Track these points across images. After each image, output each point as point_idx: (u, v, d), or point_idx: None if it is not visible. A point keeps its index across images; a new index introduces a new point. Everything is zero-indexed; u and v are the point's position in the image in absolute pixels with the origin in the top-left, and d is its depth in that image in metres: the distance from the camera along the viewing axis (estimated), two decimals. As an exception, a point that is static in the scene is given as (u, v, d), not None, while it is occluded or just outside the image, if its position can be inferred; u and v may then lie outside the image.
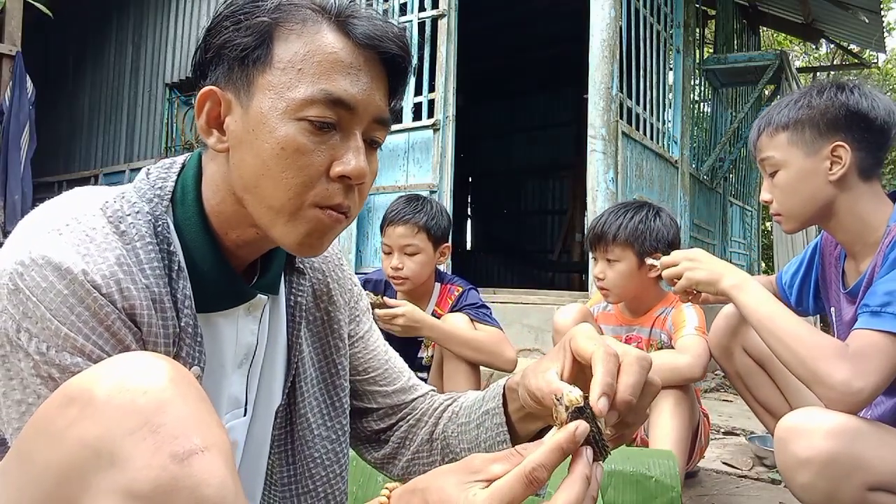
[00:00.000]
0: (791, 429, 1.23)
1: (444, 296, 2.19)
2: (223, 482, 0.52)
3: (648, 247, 1.88)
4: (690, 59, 5.32)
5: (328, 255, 0.96)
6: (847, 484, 1.16)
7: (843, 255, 1.46)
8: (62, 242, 0.63)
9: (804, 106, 1.36)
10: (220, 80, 0.74)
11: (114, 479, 0.50)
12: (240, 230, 0.76)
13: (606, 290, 1.95)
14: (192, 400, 0.55)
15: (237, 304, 0.79)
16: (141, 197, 0.73)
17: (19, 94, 5.17)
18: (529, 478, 0.54)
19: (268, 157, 0.70)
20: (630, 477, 1.41)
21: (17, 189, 5.17)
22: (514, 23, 7.48)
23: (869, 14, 5.61)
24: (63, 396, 0.54)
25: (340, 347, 0.93)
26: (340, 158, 0.71)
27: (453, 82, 4.24)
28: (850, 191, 1.35)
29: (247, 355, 0.82)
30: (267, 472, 0.87)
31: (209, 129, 0.75)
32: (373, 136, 0.75)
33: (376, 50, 0.73)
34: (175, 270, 0.71)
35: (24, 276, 0.61)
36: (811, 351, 1.23)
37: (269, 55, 0.71)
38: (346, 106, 0.70)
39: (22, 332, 0.61)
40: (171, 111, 6.88)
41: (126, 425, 0.51)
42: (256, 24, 0.71)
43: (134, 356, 0.57)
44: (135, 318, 0.66)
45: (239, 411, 0.83)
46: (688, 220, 4.85)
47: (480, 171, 10.43)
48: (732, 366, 1.76)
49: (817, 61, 11.64)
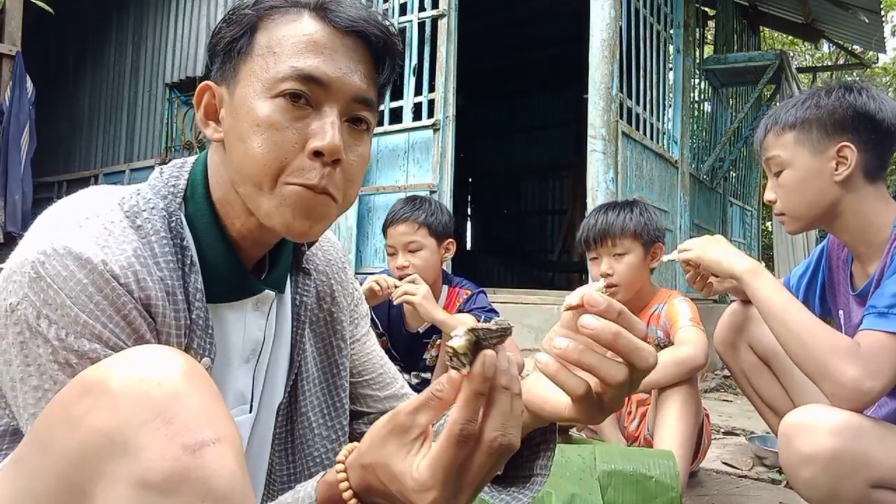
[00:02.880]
0: (795, 425, 1.23)
1: (453, 298, 2.20)
2: (233, 474, 0.53)
3: (653, 235, 1.94)
4: (690, 59, 5.32)
5: (332, 258, 0.98)
6: (851, 481, 1.16)
7: (851, 257, 1.46)
8: (83, 234, 0.66)
9: (812, 106, 1.36)
10: (216, 75, 0.78)
11: (127, 468, 0.52)
12: (243, 218, 0.78)
13: (616, 287, 1.94)
14: (204, 393, 0.56)
15: (245, 296, 0.81)
16: (156, 193, 0.75)
17: (19, 94, 5.17)
18: (461, 437, 0.54)
19: (246, 136, 0.72)
20: (630, 477, 1.42)
21: (17, 189, 5.17)
22: (514, 23, 7.49)
23: (869, 14, 5.60)
24: (80, 385, 0.56)
25: (342, 348, 0.95)
26: (314, 135, 0.72)
27: (453, 82, 4.24)
28: (855, 192, 1.34)
29: (254, 351, 0.84)
30: (268, 469, 0.87)
31: (206, 122, 0.79)
32: (356, 114, 0.76)
33: (358, 34, 0.75)
34: (188, 264, 0.74)
35: (46, 265, 0.63)
36: (823, 346, 1.22)
37: (252, 44, 0.74)
38: (318, 82, 0.72)
39: (42, 318, 0.63)
40: (171, 111, 6.88)
41: (140, 415, 0.52)
42: (241, 17, 0.75)
43: (149, 349, 0.59)
44: (150, 309, 0.68)
45: (245, 407, 0.84)
46: (688, 220, 4.85)
47: (480, 171, 10.43)
48: (737, 363, 1.75)
49: (818, 61, 11.64)
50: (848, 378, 1.18)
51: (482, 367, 0.54)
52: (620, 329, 0.57)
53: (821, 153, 1.34)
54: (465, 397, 0.54)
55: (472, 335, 0.55)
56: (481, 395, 0.54)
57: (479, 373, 0.54)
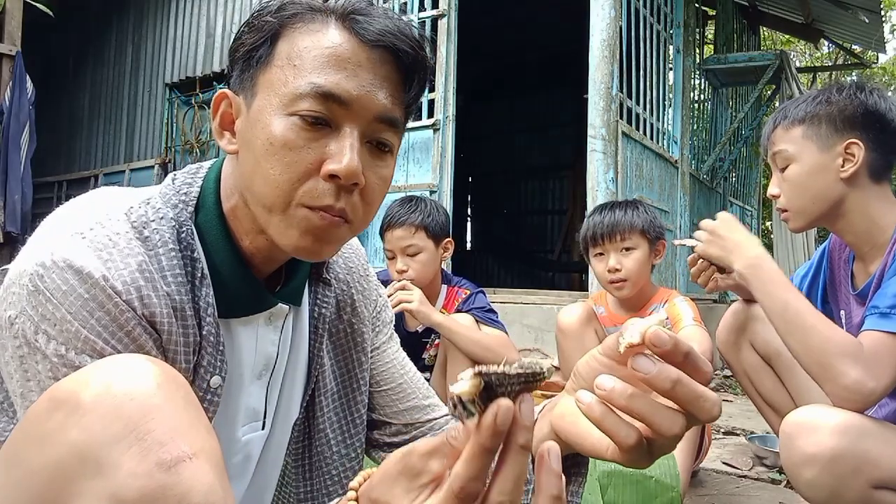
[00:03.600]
0: (797, 424, 1.23)
1: (452, 298, 2.19)
2: (211, 489, 0.51)
3: (656, 233, 1.99)
4: (690, 59, 5.32)
5: (353, 265, 0.94)
6: (852, 481, 1.16)
7: (852, 257, 1.46)
8: (84, 246, 0.63)
9: (823, 101, 1.36)
10: (235, 84, 0.74)
11: (100, 487, 0.50)
12: (252, 235, 0.75)
13: (623, 282, 1.95)
14: (180, 405, 0.54)
15: (257, 311, 0.78)
16: (166, 203, 0.72)
17: (19, 94, 5.17)
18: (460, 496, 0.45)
19: (259, 153, 0.68)
20: (630, 477, 1.41)
21: (16, 189, 5.17)
22: (514, 23, 7.49)
23: (869, 14, 5.60)
24: (50, 400, 0.53)
25: (363, 362, 0.91)
26: (332, 157, 0.68)
27: (453, 82, 4.24)
28: (861, 190, 1.34)
29: (266, 366, 0.81)
30: (281, 486, 0.85)
31: (222, 132, 0.75)
32: (378, 136, 0.71)
33: (386, 49, 0.70)
34: (198, 277, 0.70)
35: (45, 278, 0.61)
36: (826, 345, 1.21)
37: (272, 54, 0.70)
38: (339, 101, 0.67)
39: (40, 333, 0.61)
40: (171, 111, 6.88)
41: (112, 432, 0.50)
42: (262, 25, 0.71)
43: (122, 359, 0.56)
44: (155, 326, 0.65)
45: (257, 424, 0.81)
46: (688, 219, 4.85)
47: (480, 171, 10.42)
48: (739, 362, 1.75)
49: (816, 61, 11.63)
50: (850, 379, 1.17)
51: (493, 420, 0.44)
52: (681, 375, 0.49)
53: (828, 149, 1.34)
54: (469, 451, 0.45)
55: (480, 380, 0.45)
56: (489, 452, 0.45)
57: (489, 426, 0.44)
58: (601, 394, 0.51)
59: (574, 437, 0.60)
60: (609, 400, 0.51)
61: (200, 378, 0.71)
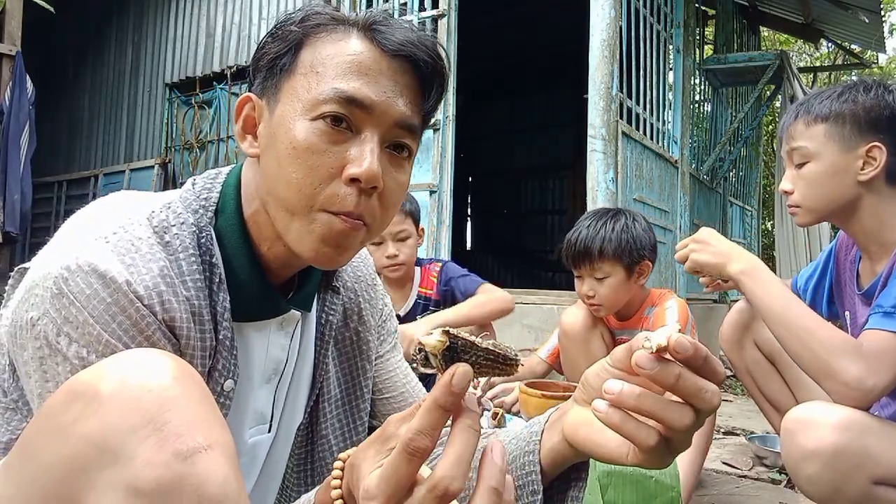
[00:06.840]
0: (798, 420, 1.23)
1: (426, 276, 2.28)
2: (226, 480, 0.52)
3: (636, 256, 1.84)
4: (690, 59, 5.32)
5: (361, 274, 0.95)
6: (853, 477, 1.16)
7: (858, 257, 1.45)
8: (108, 251, 0.64)
9: (849, 100, 1.34)
10: (257, 90, 0.76)
11: (118, 477, 0.50)
12: (270, 242, 0.76)
13: (598, 306, 1.90)
14: (196, 398, 0.55)
15: (271, 316, 0.79)
16: (186, 207, 0.74)
17: (19, 94, 5.17)
18: (409, 450, 0.48)
19: (282, 157, 0.70)
20: (630, 477, 1.41)
21: (16, 189, 5.18)
22: (514, 23, 7.49)
23: (869, 14, 5.60)
24: (68, 392, 0.54)
25: (367, 370, 0.92)
26: (352, 161, 0.70)
27: (453, 82, 4.24)
28: (876, 193, 1.34)
29: (276, 370, 0.82)
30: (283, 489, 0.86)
31: (244, 135, 0.77)
32: (398, 140, 0.74)
33: (406, 58, 0.73)
34: (216, 283, 0.72)
35: (69, 282, 0.62)
36: (824, 345, 1.22)
37: (295, 62, 0.72)
38: (361, 105, 0.70)
39: (62, 336, 0.62)
40: (171, 111, 6.88)
41: (130, 423, 0.51)
42: (287, 33, 0.73)
43: (139, 353, 0.57)
44: (174, 330, 0.67)
45: (264, 427, 0.83)
46: (688, 220, 4.85)
47: (480, 171, 10.43)
48: (742, 361, 1.75)
49: (815, 61, 11.63)
50: (851, 376, 1.18)
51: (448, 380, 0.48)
52: (682, 370, 0.53)
53: (850, 150, 1.33)
54: (423, 406, 0.49)
55: (447, 339, 0.48)
56: (443, 411, 0.48)
57: (445, 384, 0.48)
58: (611, 398, 0.55)
59: (591, 445, 0.62)
60: (619, 402, 0.55)
61: (214, 381, 0.72)
